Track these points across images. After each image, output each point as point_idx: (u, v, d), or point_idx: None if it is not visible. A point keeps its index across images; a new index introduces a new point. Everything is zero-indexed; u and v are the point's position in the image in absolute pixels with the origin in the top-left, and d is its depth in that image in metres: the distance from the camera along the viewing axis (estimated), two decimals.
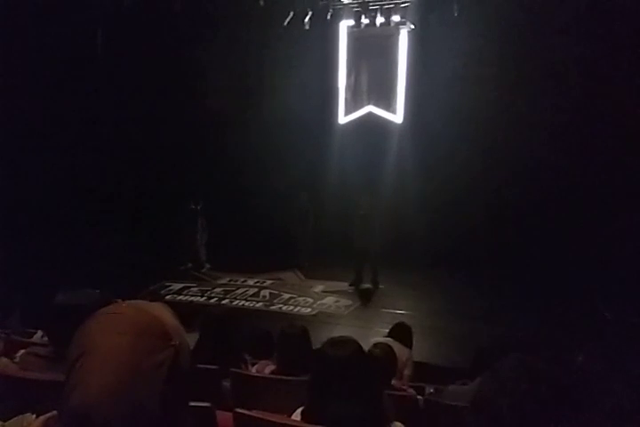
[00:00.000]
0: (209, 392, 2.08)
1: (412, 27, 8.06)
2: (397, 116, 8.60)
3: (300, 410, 1.52)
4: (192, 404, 1.51)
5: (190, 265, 7.74)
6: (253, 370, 2.68)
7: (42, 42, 7.30)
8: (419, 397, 2.37)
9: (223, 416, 1.77)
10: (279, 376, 2.39)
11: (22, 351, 2.16)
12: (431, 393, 2.70)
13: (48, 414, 1.26)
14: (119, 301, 0.85)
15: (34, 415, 1.36)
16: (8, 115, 7.15)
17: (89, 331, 0.68)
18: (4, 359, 2.27)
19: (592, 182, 7.14)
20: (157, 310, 0.72)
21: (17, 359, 2.16)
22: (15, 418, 1.32)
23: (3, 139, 6.97)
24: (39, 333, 3.39)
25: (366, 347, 2.13)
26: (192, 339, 2.73)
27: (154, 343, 0.66)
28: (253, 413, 1.54)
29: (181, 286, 6.85)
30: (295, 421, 1.48)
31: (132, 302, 0.74)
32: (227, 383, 2.46)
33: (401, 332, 3.84)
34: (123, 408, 0.62)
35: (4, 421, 1.23)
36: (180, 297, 6.37)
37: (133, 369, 0.64)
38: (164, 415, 0.64)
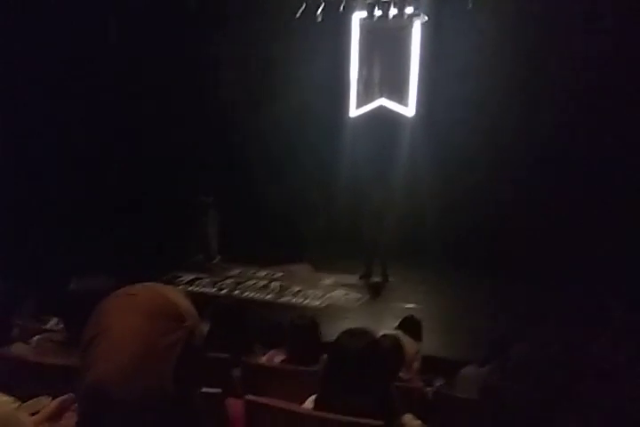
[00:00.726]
0: (219, 381, 2.11)
1: (426, 18, 7.98)
2: (409, 109, 8.54)
3: (312, 398, 1.53)
4: (203, 390, 1.54)
5: (201, 256, 7.80)
6: (263, 359, 2.70)
7: (46, 37, 7.33)
8: (427, 389, 2.38)
9: (234, 403, 1.79)
10: (289, 366, 2.41)
11: (37, 337, 2.21)
12: (440, 385, 2.70)
13: (63, 397, 1.28)
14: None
15: (50, 398, 1.40)
16: (15, 107, 7.22)
17: (104, 312, 0.70)
18: (20, 344, 2.32)
19: (611, 177, 7.05)
20: (171, 292, 0.73)
21: (32, 344, 2.21)
22: (32, 401, 1.35)
23: (14, 128, 7.07)
24: (54, 319, 3.44)
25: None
26: (203, 328, 2.76)
27: (167, 324, 0.67)
28: (265, 400, 1.56)
29: (193, 276, 6.92)
30: (305, 409, 1.50)
31: (147, 284, 0.75)
32: (237, 372, 2.49)
33: (410, 325, 3.85)
34: (138, 386, 0.63)
35: (22, 403, 1.26)
36: (192, 288, 6.43)
37: (148, 349, 0.65)
38: (178, 394, 0.65)
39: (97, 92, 8.29)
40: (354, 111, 8.86)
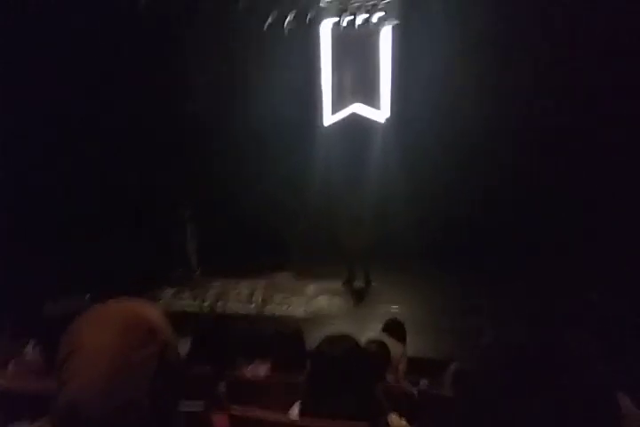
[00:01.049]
0: (205, 396, 2.08)
1: (396, 22, 8.08)
2: (382, 114, 8.65)
3: (297, 404, 1.53)
4: (186, 409, 1.52)
5: (182, 270, 7.70)
6: (248, 371, 2.68)
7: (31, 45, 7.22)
8: (413, 389, 2.39)
9: (220, 418, 1.77)
10: (274, 378, 2.39)
11: (12, 362, 2.15)
12: (426, 385, 2.72)
13: (40, 422, 1.25)
14: None
15: (27, 424, 1.36)
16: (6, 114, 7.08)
17: (77, 329, 0.69)
18: None
19: (588, 177, 7.21)
20: (143, 307, 0.72)
21: (7, 370, 2.15)
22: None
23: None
24: (30, 345, 3.35)
25: (361, 344, 2.14)
26: (184, 344, 2.73)
27: (140, 339, 0.67)
28: (249, 411, 1.54)
29: (174, 290, 6.83)
30: (290, 419, 1.49)
31: (119, 300, 0.74)
32: (222, 386, 2.46)
33: (394, 328, 3.87)
34: (112, 402, 0.62)
35: None
36: (173, 302, 6.35)
37: (121, 364, 0.64)
38: (154, 410, 0.65)
39: (66, 108, 8.17)
40: (328, 118, 8.93)
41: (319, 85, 8.90)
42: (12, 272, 6.21)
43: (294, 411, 1.56)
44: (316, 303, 6.28)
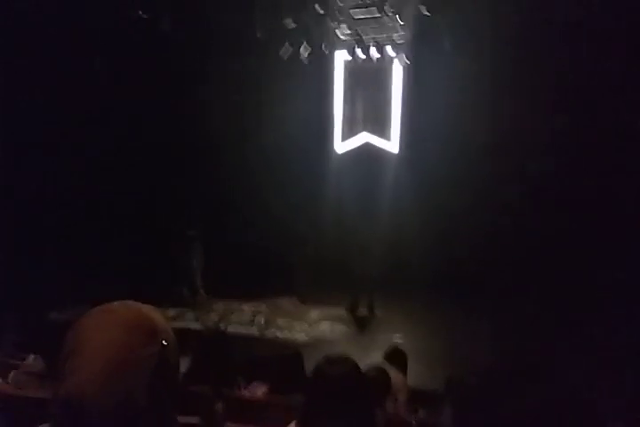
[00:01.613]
0: (202, 414, 2.08)
1: (407, 62, 8.31)
2: (393, 145, 8.78)
3: (292, 424, 1.52)
4: (182, 420, 1.53)
5: (185, 290, 7.69)
6: (246, 392, 2.66)
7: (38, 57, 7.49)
8: (412, 418, 2.36)
9: None
10: (272, 397, 2.38)
11: (14, 371, 2.17)
12: (425, 415, 2.68)
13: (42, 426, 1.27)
14: None
15: None
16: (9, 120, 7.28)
17: (80, 328, 0.71)
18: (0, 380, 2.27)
19: (600, 204, 7.21)
20: (145, 309, 0.75)
21: (9, 379, 2.17)
22: None
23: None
24: (31, 356, 3.37)
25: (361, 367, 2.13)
26: (184, 363, 2.73)
27: (141, 338, 0.69)
28: None
29: (176, 311, 6.81)
30: None
31: (122, 301, 0.77)
32: (220, 405, 2.45)
33: (396, 357, 3.82)
34: (110, 400, 0.64)
35: None
36: (175, 322, 6.32)
37: (121, 362, 0.66)
38: (152, 408, 0.66)
39: (80, 125, 8.39)
40: (340, 147, 9.08)
41: (332, 115, 9.09)
42: (15, 284, 6.26)
43: None
44: (317, 329, 6.23)
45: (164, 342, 0.71)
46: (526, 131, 7.83)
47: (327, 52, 8.26)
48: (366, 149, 8.89)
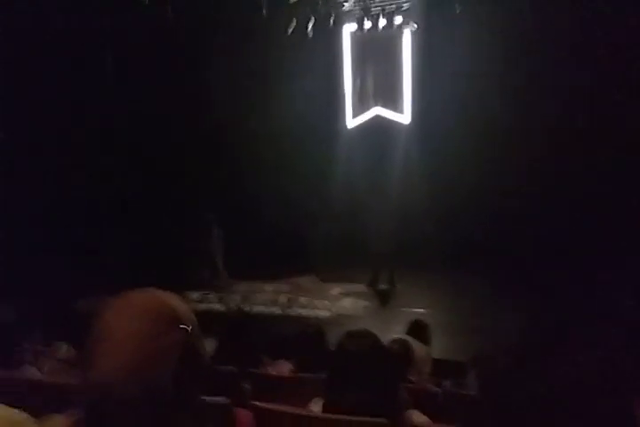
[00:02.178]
0: (230, 393, 2.12)
1: (415, 26, 8.09)
2: (405, 117, 8.62)
3: (315, 400, 1.55)
4: (211, 400, 1.55)
5: (207, 273, 7.82)
6: (272, 371, 2.71)
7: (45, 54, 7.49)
8: (437, 390, 2.38)
9: (243, 414, 1.81)
10: (297, 375, 2.42)
11: (47, 359, 2.25)
12: (450, 385, 2.70)
13: (73, 413, 1.31)
14: None
15: (60, 417, 1.42)
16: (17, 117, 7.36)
17: (105, 316, 0.73)
18: (32, 368, 2.36)
19: (608, 182, 7.06)
20: (168, 297, 0.76)
21: (42, 366, 2.24)
22: (44, 418, 1.38)
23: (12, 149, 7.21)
24: (64, 345, 3.48)
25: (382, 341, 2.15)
26: (210, 344, 2.78)
27: (165, 327, 0.70)
28: (271, 406, 1.58)
29: (199, 293, 6.94)
30: (312, 412, 1.51)
31: (145, 289, 0.78)
32: (247, 385, 2.50)
33: (418, 329, 3.85)
34: (138, 386, 0.66)
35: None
36: (199, 304, 6.45)
37: (146, 350, 0.68)
38: (178, 394, 0.68)
39: (96, 111, 8.43)
40: (350, 122, 8.95)
41: (342, 90, 8.94)
42: (43, 273, 6.43)
43: (315, 406, 1.58)
44: (339, 305, 6.29)
45: (187, 328, 0.72)
46: (544, 97, 7.62)
47: (333, 24, 8.07)
48: (376, 122, 8.75)
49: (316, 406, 1.56)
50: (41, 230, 7.33)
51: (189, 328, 0.73)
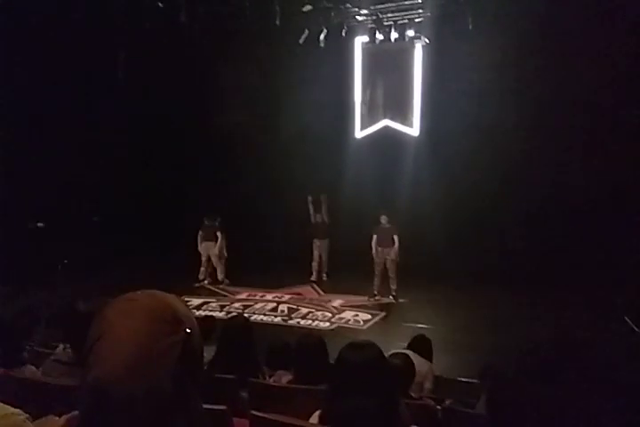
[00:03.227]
0: (227, 401, 2.09)
1: (427, 41, 8.14)
2: (414, 130, 8.64)
3: (317, 413, 1.52)
4: (208, 407, 1.53)
5: (209, 280, 7.80)
6: (271, 380, 2.68)
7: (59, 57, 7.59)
8: (437, 407, 2.34)
9: (240, 423, 1.78)
10: (296, 386, 2.39)
11: (46, 359, 2.23)
12: (451, 403, 2.65)
13: (71, 414, 1.29)
14: None
15: (57, 417, 1.40)
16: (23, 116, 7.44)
17: (106, 316, 0.72)
18: (30, 366, 2.35)
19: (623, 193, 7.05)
20: (169, 298, 0.75)
21: (41, 366, 2.23)
22: (41, 419, 1.36)
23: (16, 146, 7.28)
24: (61, 346, 3.46)
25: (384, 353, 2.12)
26: (209, 351, 2.75)
27: (166, 327, 0.69)
28: (269, 415, 1.55)
29: (201, 301, 6.90)
30: (310, 423, 1.48)
31: (146, 290, 0.78)
32: (245, 393, 2.46)
33: (421, 344, 3.79)
34: (138, 385, 0.65)
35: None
36: (200, 312, 6.41)
37: (147, 350, 0.67)
38: (177, 395, 0.67)
39: (105, 121, 8.51)
40: (359, 133, 8.98)
41: (352, 101, 8.99)
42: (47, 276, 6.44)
43: (314, 419, 1.55)
44: (341, 318, 6.23)
45: (187, 330, 0.71)
46: (554, 111, 7.64)
47: (345, 35, 8.14)
48: (385, 133, 8.77)
49: (315, 419, 1.53)
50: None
51: (190, 330, 0.72)
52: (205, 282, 7.78)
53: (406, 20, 7.91)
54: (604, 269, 6.44)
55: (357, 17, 8.16)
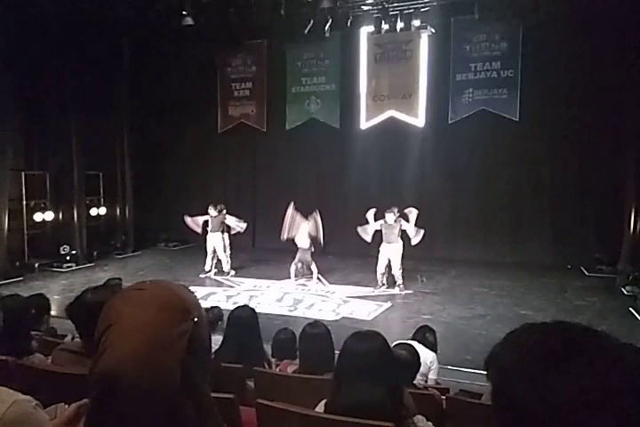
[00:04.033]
0: (234, 391, 2.12)
1: (433, 31, 8.06)
2: (419, 120, 8.59)
3: (323, 402, 1.54)
4: (216, 395, 1.55)
5: (216, 271, 7.83)
6: (276, 370, 2.70)
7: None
8: (442, 397, 2.35)
9: (247, 412, 1.80)
10: (302, 375, 2.41)
11: (55, 348, 2.26)
12: (455, 393, 2.67)
13: (80, 402, 1.31)
14: None
15: (66, 405, 1.42)
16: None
17: (115, 305, 0.73)
18: (39, 355, 2.38)
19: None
20: (178, 287, 0.76)
21: (50, 355, 2.26)
22: (50, 407, 1.38)
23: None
24: (69, 335, 3.50)
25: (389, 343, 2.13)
26: (216, 341, 2.78)
27: (174, 317, 0.70)
28: (276, 404, 1.57)
29: (207, 291, 6.95)
30: (316, 412, 1.50)
31: (154, 280, 0.79)
32: (251, 383, 2.49)
33: (425, 335, 3.80)
34: (147, 373, 0.66)
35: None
36: (206, 302, 6.46)
37: (156, 339, 0.68)
38: (186, 382, 0.68)
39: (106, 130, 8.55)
40: (364, 123, 8.93)
41: (357, 91, 8.93)
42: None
43: (320, 408, 1.57)
44: (346, 308, 6.26)
45: (195, 319, 0.72)
46: (557, 101, 7.57)
47: (350, 25, 8.06)
48: (390, 123, 8.70)
49: (320, 408, 1.55)
50: None
51: (197, 319, 0.73)
52: (211, 273, 7.82)
53: (412, 10, 7.81)
54: None
55: (363, 6, 8.07)
